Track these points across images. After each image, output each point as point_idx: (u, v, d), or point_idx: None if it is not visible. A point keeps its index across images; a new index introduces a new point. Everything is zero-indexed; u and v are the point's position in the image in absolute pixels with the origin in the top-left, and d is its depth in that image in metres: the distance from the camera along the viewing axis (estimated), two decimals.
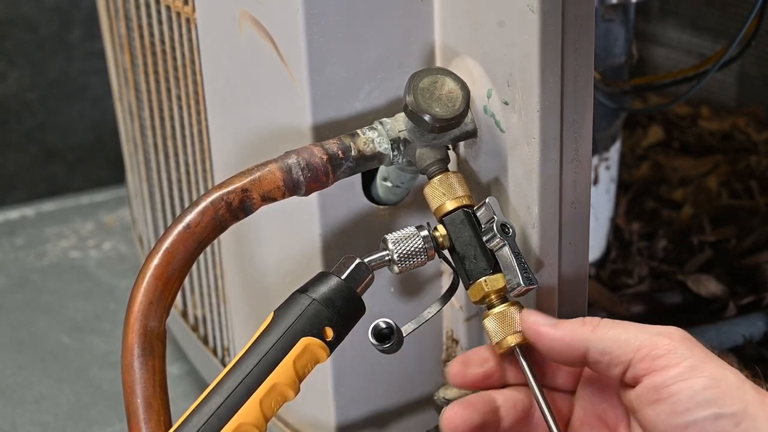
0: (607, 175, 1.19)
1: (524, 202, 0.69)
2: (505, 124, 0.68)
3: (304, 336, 0.63)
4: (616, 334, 0.59)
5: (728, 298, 1.15)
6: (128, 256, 1.49)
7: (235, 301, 0.92)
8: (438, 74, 0.68)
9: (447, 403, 0.80)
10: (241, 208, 0.66)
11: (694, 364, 0.55)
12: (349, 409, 0.83)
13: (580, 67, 0.64)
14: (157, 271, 0.65)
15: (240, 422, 0.61)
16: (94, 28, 1.64)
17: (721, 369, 0.56)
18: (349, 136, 0.69)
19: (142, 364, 0.65)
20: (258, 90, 0.78)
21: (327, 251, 0.77)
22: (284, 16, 0.72)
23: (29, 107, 1.67)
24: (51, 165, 1.72)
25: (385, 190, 0.77)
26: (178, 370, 1.20)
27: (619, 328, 0.59)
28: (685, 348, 0.56)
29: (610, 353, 0.59)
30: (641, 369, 0.58)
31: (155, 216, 1.12)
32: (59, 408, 1.17)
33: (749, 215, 1.31)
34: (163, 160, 1.03)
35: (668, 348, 0.57)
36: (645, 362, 0.57)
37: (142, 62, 1.01)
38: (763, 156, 1.44)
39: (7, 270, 1.47)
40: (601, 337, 0.59)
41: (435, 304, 0.69)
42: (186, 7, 0.85)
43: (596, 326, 0.61)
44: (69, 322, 1.33)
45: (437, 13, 0.74)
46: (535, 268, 0.69)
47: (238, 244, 0.88)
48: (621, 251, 1.26)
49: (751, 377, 0.57)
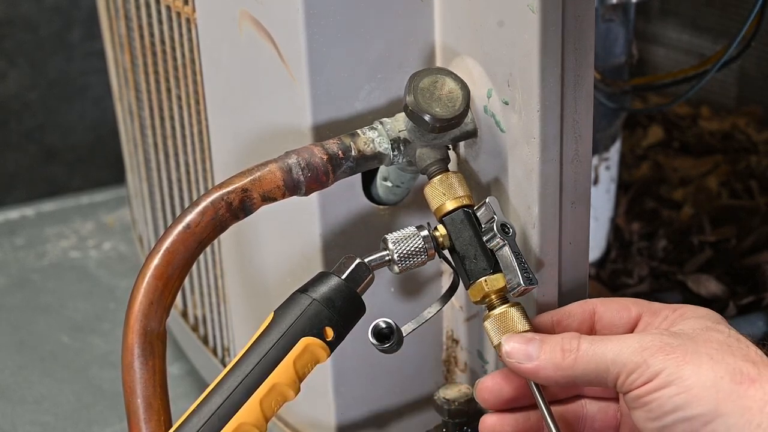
0: (607, 175, 1.19)
1: (524, 202, 0.69)
2: (505, 124, 0.68)
3: (304, 336, 0.63)
4: (596, 364, 0.61)
5: (728, 298, 1.15)
6: (128, 256, 1.49)
7: (235, 301, 0.92)
8: (438, 74, 0.68)
9: (447, 402, 0.80)
10: (241, 208, 0.66)
11: (666, 375, 0.58)
12: (349, 409, 0.83)
13: (580, 67, 0.65)
14: (157, 271, 0.65)
15: (240, 422, 0.61)
16: (94, 28, 1.63)
17: (696, 369, 0.58)
18: (349, 136, 0.69)
19: (142, 364, 0.65)
20: (258, 90, 0.78)
21: (327, 251, 0.77)
22: (284, 16, 0.72)
23: (29, 107, 1.67)
24: (51, 165, 1.72)
25: (385, 190, 0.77)
26: (178, 370, 1.20)
27: (597, 356, 0.61)
28: (660, 360, 0.58)
29: (596, 382, 0.62)
30: (623, 389, 0.60)
31: (155, 216, 1.12)
32: (59, 408, 1.17)
33: (749, 215, 1.31)
34: (163, 160, 1.03)
35: (642, 368, 0.59)
36: (625, 386, 0.60)
37: (142, 62, 1.01)
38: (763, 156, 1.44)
39: (7, 270, 1.47)
40: (583, 371, 0.62)
41: (435, 304, 0.69)
42: (186, 7, 0.85)
43: (575, 357, 0.62)
44: (69, 322, 1.33)
45: (437, 13, 0.74)
46: (535, 268, 0.69)
47: (238, 244, 0.88)
48: (621, 251, 1.26)
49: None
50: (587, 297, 0.71)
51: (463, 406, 0.79)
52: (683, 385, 0.57)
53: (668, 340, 0.59)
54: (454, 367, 0.85)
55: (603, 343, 0.61)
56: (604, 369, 0.61)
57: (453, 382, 0.85)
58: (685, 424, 0.57)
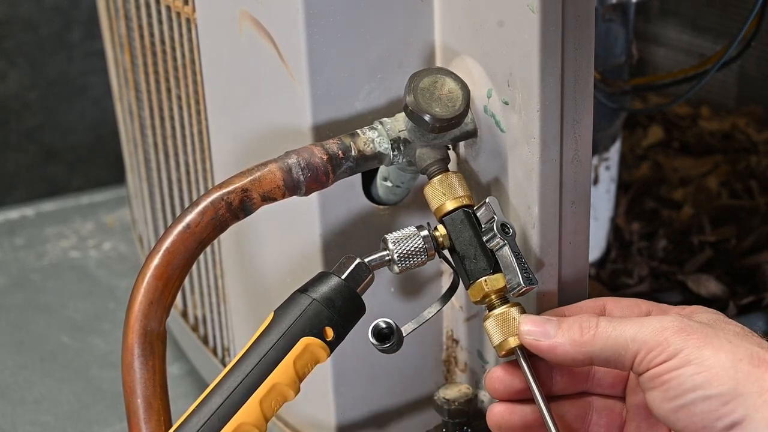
0: (607, 175, 1.19)
1: (524, 202, 0.69)
2: (505, 124, 0.68)
3: (304, 336, 0.63)
4: (615, 341, 0.62)
5: (728, 298, 1.15)
6: (128, 256, 1.49)
7: (235, 301, 0.92)
8: (438, 74, 0.68)
9: (447, 402, 0.80)
10: (241, 208, 0.66)
11: (685, 354, 0.59)
12: (349, 409, 0.83)
13: (580, 67, 0.65)
14: (157, 271, 0.65)
15: (240, 422, 0.61)
16: (94, 28, 1.63)
17: (715, 352, 0.59)
18: (349, 136, 0.69)
19: (142, 364, 0.65)
20: (258, 90, 0.78)
21: (327, 251, 0.77)
22: (284, 16, 0.72)
23: (29, 107, 1.67)
24: (51, 165, 1.72)
25: (385, 190, 0.77)
26: (178, 370, 1.20)
27: (617, 332, 0.62)
28: (681, 340, 0.59)
29: (613, 361, 0.62)
30: (641, 368, 0.61)
31: (155, 216, 1.12)
32: (59, 408, 1.16)
33: (749, 215, 1.31)
34: (163, 160, 1.03)
35: (663, 347, 0.60)
36: (643, 364, 0.60)
37: (142, 62, 1.01)
38: (763, 156, 1.44)
39: (7, 270, 1.47)
40: (601, 347, 0.62)
41: (435, 304, 0.69)
42: (186, 7, 0.85)
43: (594, 333, 0.62)
44: (69, 322, 1.33)
45: (437, 13, 0.74)
46: (535, 268, 0.69)
47: (238, 244, 0.88)
48: (621, 251, 1.26)
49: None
50: (587, 297, 0.71)
51: (463, 406, 0.79)
52: (704, 365, 0.58)
53: (688, 323, 0.60)
54: (454, 367, 0.85)
55: (622, 322, 0.62)
56: (623, 346, 0.61)
57: (453, 382, 0.85)
58: (705, 404, 0.58)
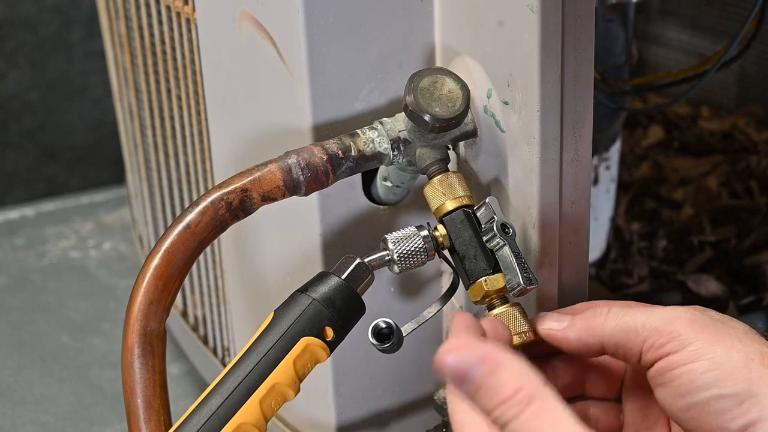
0: (607, 175, 1.19)
1: (524, 202, 0.69)
2: (505, 124, 0.68)
3: (304, 336, 0.63)
4: (626, 326, 0.61)
5: (728, 298, 1.15)
6: (128, 256, 1.49)
7: (235, 301, 0.92)
8: (438, 74, 0.68)
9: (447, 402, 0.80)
10: (241, 208, 0.66)
11: (697, 348, 0.58)
12: (349, 409, 0.83)
13: (580, 67, 0.64)
14: (157, 271, 0.65)
15: (240, 422, 0.61)
16: (94, 28, 1.63)
17: (727, 350, 0.57)
18: (349, 136, 0.69)
19: (142, 364, 0.65)
20: (258, 90, 0.78)
21: (327, 251, 0.77)
22: (284, 16, 0.72)
23: (29, 107, 1.67)
24: (51, 165, 1.72)
25: (385, 190, 0.77)
26: (178, 370, 1.20)
27: (628, 318, 0.61)
28: (692, 332, 0.58)
29: (622, 346, 0.61)
30: (650, 358, 0.60)
31: (155, 216, 1.12)
32: (59, 408, 1.17)
33: (749, 215, 1.31)
34: (163, 160, 1.03)
35: (672, 336, 0.59)
36: (652, 352, 0.60)
37: (142, 62, 1.01)
38: (763, 156, 1.44)
39: (7, 270, 1.47)
40: (611, 332, 0.62)
41: (435, 304, 0.69)
42: (186, 7, 0.85)
43: (606, 317, 0.62)
44: (69, 322, 1.33)
45: (437, 13, 0.74)
46: (535, 268, 0.69)
47: (238, 244, 0.88)
48: (621, 251, 1.26)
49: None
50: (587, 297, 0.71)
51: None
52: (716, 362, 0.57)
53: (701, 316, 0.60)
54: None
55: (634, 308, 0.62)
56: (633, 330, 0.60)
57: None
58: (719, 403, 0.56)
